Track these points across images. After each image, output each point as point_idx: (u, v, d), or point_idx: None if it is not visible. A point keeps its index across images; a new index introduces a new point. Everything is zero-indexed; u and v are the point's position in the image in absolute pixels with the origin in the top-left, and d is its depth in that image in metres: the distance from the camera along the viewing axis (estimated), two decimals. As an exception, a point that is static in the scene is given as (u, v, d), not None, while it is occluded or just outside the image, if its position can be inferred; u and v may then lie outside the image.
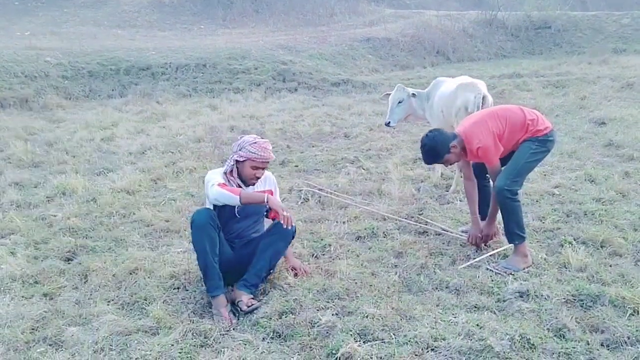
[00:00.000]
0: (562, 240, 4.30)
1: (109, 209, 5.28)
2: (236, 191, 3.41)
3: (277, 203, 3.49)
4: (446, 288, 3.68)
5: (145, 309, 3.50)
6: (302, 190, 5.65)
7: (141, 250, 4.38)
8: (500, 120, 4.00)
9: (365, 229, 4.70)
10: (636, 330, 3.09)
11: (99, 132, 8.43)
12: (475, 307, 3.43)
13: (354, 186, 5.90)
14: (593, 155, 6.71)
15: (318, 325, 3.22)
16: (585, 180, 5.77)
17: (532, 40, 19.24)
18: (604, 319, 3.20)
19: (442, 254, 4.22)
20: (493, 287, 3.65)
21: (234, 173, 3.63)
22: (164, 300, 3.57)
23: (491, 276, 3.83)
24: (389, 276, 3.86)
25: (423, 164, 6.63)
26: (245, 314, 3.43)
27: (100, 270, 4.01)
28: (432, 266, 3.99)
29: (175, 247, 4.43)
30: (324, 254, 4.29)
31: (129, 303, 3.60)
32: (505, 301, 3.47)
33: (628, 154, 6.59)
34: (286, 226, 3.44)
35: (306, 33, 18.37)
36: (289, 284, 3.75)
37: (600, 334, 3.11)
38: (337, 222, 4.88)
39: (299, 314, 3.36)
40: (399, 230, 4.71)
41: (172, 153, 7.29)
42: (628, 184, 5.55)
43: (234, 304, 3.51)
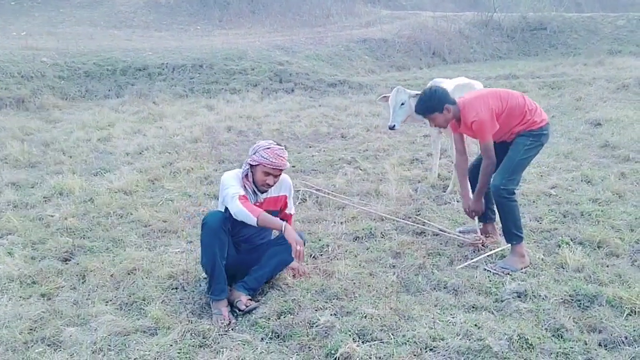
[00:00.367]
0: (560, 240, 4.32)
1: (106, 209, 5.27)
2: (256, 212, 3.36)
3: (293, 236, 3.37)
4: (444, 288, 3.69)
5: (143, 309, 3.50)
6: (300, 190, 5.65)
7: (139, 250, 4.37)
8: (502, 101, 3.99)
9: (363, 229, 4.71)
10: (633, 330, 3.11)
11: (96, 133, 8.41)
12: (473, 307, 3.44)
13: (352, 187, 5.90)
14: (589, 156, 6.73)
15: (317, 326, 3.22)
16: (582, 181, 5.79)
17: (528, 42, 19.30)
18: (601, 319, 3.21)
19: (440, 255, 4.23)
20: (491, 288, 3.67)
21: (249, 177, 3.58)
22: (163, 301, 3.57)
23: (489, 276, 3.84)
24: (387, 276, 3.87)
25: (420, 165, 6.70)
26: (244, 314, 3.43)
27: (98, 270, 4.01)
28: (430, 266, 4.00)
29: (173, 248, 4.43)
30: (322, 255, 4.29)
31: (127, 303, 3.59)
32: (503, 301, 3.48)
33: (624, 154, 6.62)
34: (297, 260, 3.43)
35: (303, 34, 18.38)
36: (287, 285, 3.75)
37: (598, 333, 3.12)
38: (335, 223, 4.89)
39: (298, 314, 3.37)
40: (396, 230, 4.72)
41: (169, 153, 7.29)
42: (624, 184, 5.58)
43: (232, 305, 3.51)
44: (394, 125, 5.91)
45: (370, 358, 2.94)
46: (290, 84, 12.56)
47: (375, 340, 3.10)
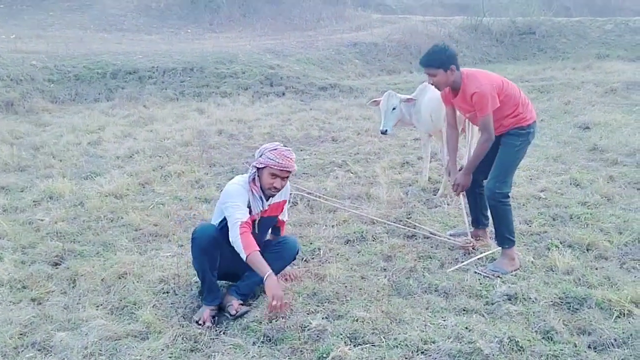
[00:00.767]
0: (549, 243, 4.36)
1: (96, 213, 5.25)
2: (249, 248, 3.25)
3: (272, 290, 3.20)
4: (435, 291, 3.71)
5: (134, 313, 3.49)
6: (291, 194, 5.63)
7: (130, 254, 4.36)
8: (503, 84, 3.95)
9: (354, 232, 4.72)
10: (622, 332, 3.14)
11: (86, 136, 8.37)
12: (464, 310, 3.46)
13: (343, 190, 5.92)
14: (578, 159, 6.79)
15: (308, 329, 3.23)
16: (571, 184, 5.84)
17: (517, 46, 19.40)
18: (591, 322, 3.24)
19: (431, 258, 4.25)
20: (481, 290, 3.69)
21: (256, 182, 3.49)
22: (154, 305, 3.56)
23: (479, 279, 3.87)
24: (379, 280, 3.88)
25: (410, 168, 6.72)
26: (235, 319, 3.43)
27: (89, 274, 3.99)
28: (421, 269, 4.02)
29: (164, 252, 4.42)
30: (313, 258, 4.30)
31: (118, 308, 3.58)
32: (493, 304, 3.50)
33: (612, 158, 6.68)
34: (270, 313, 3.29)
35: (293, 37, 18.39)
36: (279, 288, 3.75)
37: (588, 336, 3.15)
38: (326, 226, 4.90)
39: (289, 317, 3.37)
40: (387, 233, 4.74)
41: (160, 157, 7.27)
42: (612, 187, 5.63)
43: (222, 309, 3.50)
44: (386, 130, 5.94)
45: (362, 361, 2.95)
46: (281, 88, 12.56)
47: (366, 344, 3.11)
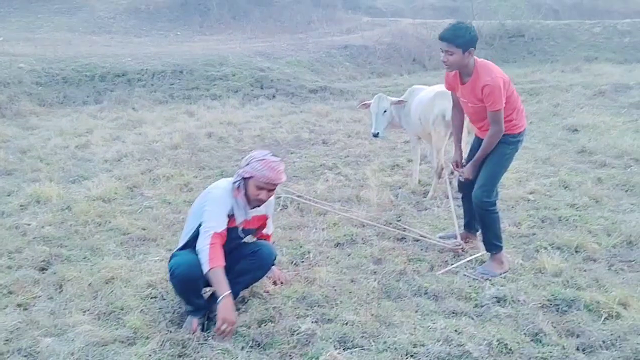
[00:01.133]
0: (538, 245, 4.37)
1: (84, 217, 5.20)
2: (213, 262, 3.08)
3: (223, 313, 3.06)
4: (425, 294, 3.71)
5: (121, 318, 3.45)
6: (281, 197, 5.63)
7: (117, 259, 4.31)
8: (510, 85, 3.86)
9: (344, 235, 4.71)
10: (611, 334, 3.15)
11: (74, 140, 8.30)
12: (453, 313, 3.46)
13: (333, 193, 5.90)
14: (567, 161, 6.82)
15: (298, 333, 3.21)
16: (560, 186, 5.87)
17: (506, 49, 19.49)
18: (579, 324, 3.25)
19: (421, 260, 4.25)
20: (471, 293, 3.69)
21: (241, 189, 3.31)
22: (141, 310, 3.52)
23: (469, 282, 3.87)
24: (368, 283, 3.87)
25: (401, 170, 6.72)
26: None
27: (76, 279, 3.94)
28: (411, 272, 4.01)
29: (152, 256, 4.38)
30: (303, 261, 4.28)
31: (105, 313, 3.54)
32: (482, 306, 3.51)
33: (600, 160, 6.72)
34: (216, 334, 3.13)
35: (284, 40, 18.39)
36: (268, 292, 3.73)
37: (576, 338, 3.16)
38: (316, 229, 4.88)
39: (279, 322, 3.35)
40: (377, 236, 4.73)
41: (149, 160, 7.22)
42: (601, 189, 5.66)
43: (210, 318, 3.43)
44: (378, 133, 5.95)
45: (351, 365, 2.94)
46: (272, 90, 12.54)
47: (356, 347, 3.10)
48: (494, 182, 4.01)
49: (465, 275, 3.97)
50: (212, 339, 3.20)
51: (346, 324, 3.31)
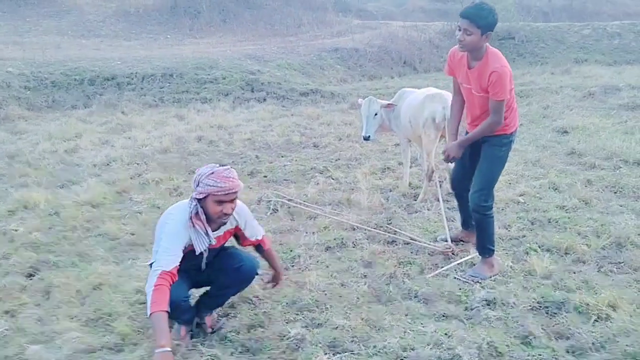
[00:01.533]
0: (527, 247, 4.37)
1: (72, 222, 5.15)
2: (156, 306, 2.79)
3: None
4: (415, 297, 3.70)
5: (110, 325, 3.42)
6: (271, 201, 5.62)
7: (106, 264, 4.28)
8: (512, 83, 3.78)
9: (334, 239, 4.69)
10: (600, 337, 3.15)
11: (63, 144, 8.25)
12: (443, 316, 3.45)
13: (324, 196, 5.89)
14: (556, 163, 6.85)
15: (287, 339, 3.19)
16: (549, 188, 5.88)
17: (496, 51, 19.62)
18: (569, 326, 3.25)
19: (411, 263, 4.24)
20: (461, 296, 3.69)
21: (200, 215, 3.05)
22: (129, 316, 3.49)
23: (459, 285, 3.86)
24: (359, 286, 3.86)
25: (391, 173, 6.72)
26: (213, 332, 3.37)
27: (64, 285, 3.90)
28: (401, 275, 4.00)
29: (141, 261, 4.33)
30: (293, 265, 4.26)
31: (93, 319, 3.51)
32: (472, 309, 3.50)
33: (590, 162, 6.74)
34: None
35: (274, 43, 18.39)
36: (257, 297, 3.72)
37: (566, 340, 3.16)
38: (307, 233, 4.87)
39: (268, 327, 3.33)
40: (368, 240, 4.72)
41: (138, 164, 7.18)
42: (590, 191, 5.68)
43: (198, 325, 3.41)
44: (369, 136, 5.94)
45: (341, 370, 2.92)
46: (262, 93, 12.52)
47: (346, 352, 3.09)
48: (491, 185, 3.98)
49: (455, 278, 3.96)
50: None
51: (336, 328, 3.29)
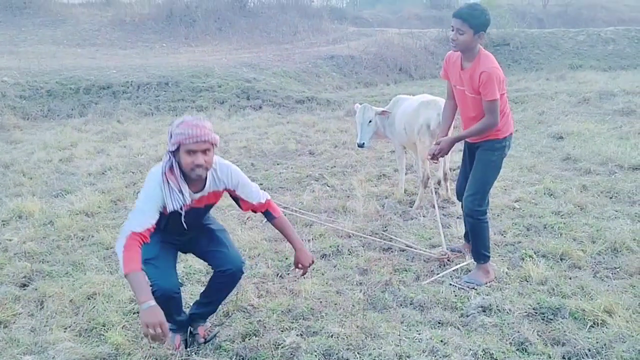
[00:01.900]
0: (523, 253, 4.36)
1: (66, 232, 5.14)
2: (129, 266, 2.69)
3: (144, 318, 2.58)
4: (410, 304, 3.69)
5: (103, 335, 3.40)
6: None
7: (100, 274, 4.26)
8: (504, 87, 3.80)
9: (330, 246, 4.69)
10: (596, 342, 3.13)
11: (58, 153, 8.23)
12: (439, 323, 3.43)
13: (319, 203, 5.88)
14: (552, 169, 6.85)
15: (282, 347, 3.17)
16: (545, 194, 5.88)
17: (492, 57, 19.69)
18: (564, 332, 3.24)
19: (407, 270, 4.23)
20: (456, 303, 3.67)
21: (174, 170, 2.91)
22: (123, 326, 3.47)
23: (454, 291, 3.85)
24: (354, 294, 3.84)
25: (387, 180, 6.72)
26: (206, 342, 3.34)
27: (57, 295, 3.89)
28: (397, 283, 3.99)
29: (136, 270, 4.32)
30: (288, 274, 4.25)
31: (86, 329, 3.49)
32: (468, 316, 3.48)
33: (585, 167, 6.75)
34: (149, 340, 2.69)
35: (270, 51, 18.42)
36: (252, 305, 3.70)
37: (562, 346, 3.14)
38: (302, 241, 4.83)
39: (263, 335, 3.31)
40: (363, 247, 4.71)
41: (133, 173, 7.16)
42: (585, 197, 5.68)
43: (191, 334, 3.37)
44: (363, 143, 5.95)
45: (336, 379, 2.90)
46: (258, 101, 12.54)
47: (341, 360, 3.07)
48: (484, 190, 3.97)
49: (451, 284, 3.95)
50: (149, 346, 3.10)
51: (331, 336, 3.28)
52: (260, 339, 3.26)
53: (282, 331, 3.37)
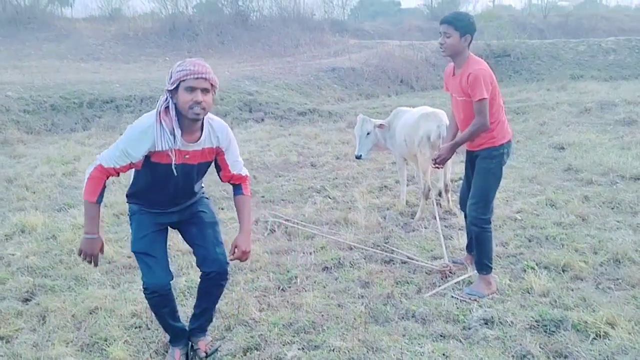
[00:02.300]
0: (525, 265, 4.36)
1: (69, 246, 5.14)
2: (89, 196, 2.88)
3: (82, 246, 2.93)
4: (412, 317, 3.68)
5: (105, 350, 3.40)
6: (269, 221, 5.62)
7: (102, 288, 4.27)
8: (496, 89, 3.89)
9: (331, 259, 4.69)
10: (599, 354, 3.13)
11: (61, 167, 8.26)
12: (441, 336, 3.43)
13: (321, 216, 5.89)
14: (553, 180, 6.85)
15: (283, 361, 3.17)
16: (546, 205, 5.88)
17: (493, 68, 19.03)
18: (567, 344, 3.23)
19: (408, 283, 4.23)
20: (458, 315, 3.67)
21: (170, 111, 2.83)
22: (125, 340, 3.47)
23: (456, 304, 3.84)
24: (356, 307, 3.84)
25: (389, 192, 6.72)
26: (208, 356, 3.34)
27: (59, 310, 3.89)
28: (398, 295, 3.99)
29: (137, 285, 4.31)
30: (290, 287, 4.25)
31: (88, 344, 3.49)
32: (470, 329, 3.48)
33: (587, 178, 6.75)
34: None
35: (272, 64, 18.52)
36: (254, 319, 3.69)
37: (564, 359, 3.13)
38: (304, 253, 4.86)
39: (264, 349, 3.31)
40: (365, 259, 4.71)
41: (136, 187, 7.16)
42: (587, 207, 5.68)
43: (192, 349, 3.36)
44: (361, 155, 5.98)
45: (338, 393, 2.90)
46: (260, 114, 12.59)
47: (342, 374, 3.06)
48: (487, 198, 3.98)
49: (453, 297, 3.94)
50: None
51: (333, 350, 3.27)
52: (261, 353, 3.26)
53: (284, 345, 3.37)
